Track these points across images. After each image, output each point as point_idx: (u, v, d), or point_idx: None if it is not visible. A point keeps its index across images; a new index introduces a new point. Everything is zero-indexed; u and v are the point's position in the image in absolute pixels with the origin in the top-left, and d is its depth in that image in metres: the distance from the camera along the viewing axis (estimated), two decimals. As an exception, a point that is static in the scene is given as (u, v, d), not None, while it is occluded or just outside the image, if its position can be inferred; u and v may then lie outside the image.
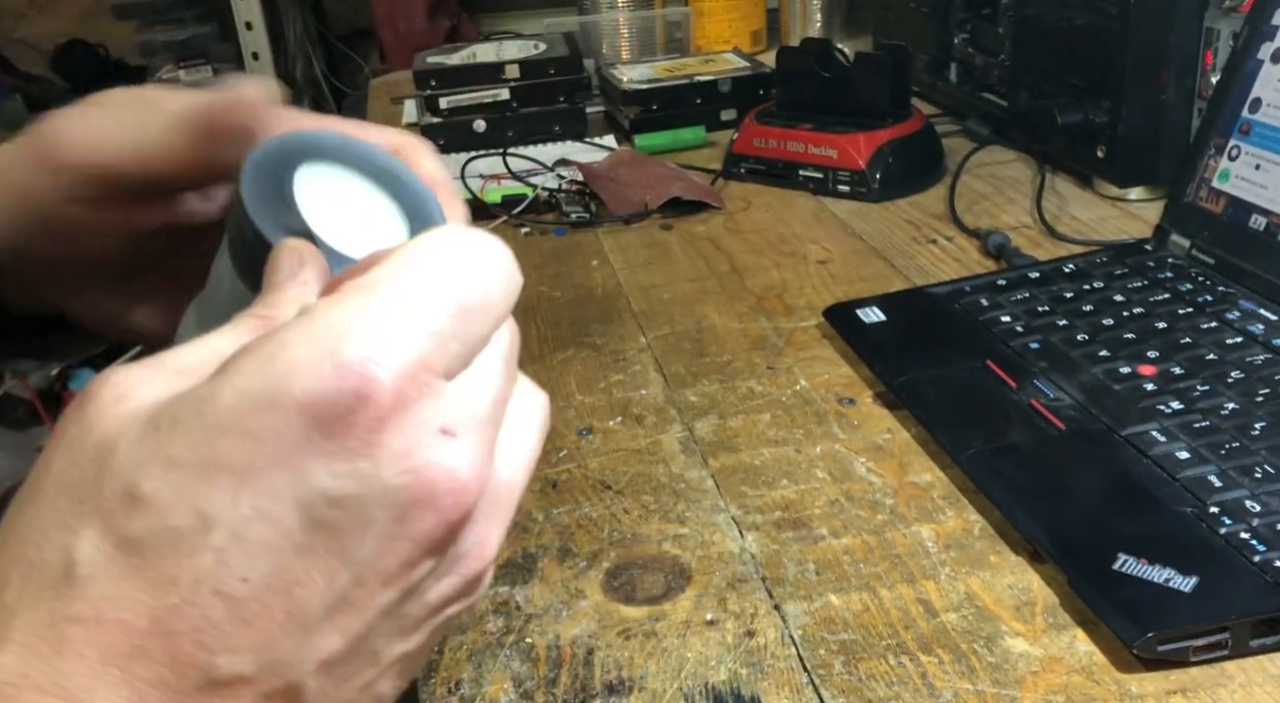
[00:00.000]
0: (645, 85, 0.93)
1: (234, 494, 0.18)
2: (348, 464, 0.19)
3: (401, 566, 0.20)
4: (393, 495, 0.19)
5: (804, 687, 0.35)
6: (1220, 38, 0.66)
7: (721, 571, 0.41)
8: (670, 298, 0.64)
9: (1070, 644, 0.36)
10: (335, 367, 0.19)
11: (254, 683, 0.19)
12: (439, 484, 0.20)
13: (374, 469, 0.19)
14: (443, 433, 0.20)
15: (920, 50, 0.91)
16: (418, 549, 0.20)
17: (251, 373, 0.19)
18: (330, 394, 0.19)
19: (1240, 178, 0.58)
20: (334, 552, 0.19)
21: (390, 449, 0.19)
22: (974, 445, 0.45)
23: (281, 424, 0.19)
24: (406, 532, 0.20)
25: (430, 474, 0.20)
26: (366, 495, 0.19)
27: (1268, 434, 0.43)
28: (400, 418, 0.19)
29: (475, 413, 0.21)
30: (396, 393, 0.19)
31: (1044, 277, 0.59)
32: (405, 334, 0.19)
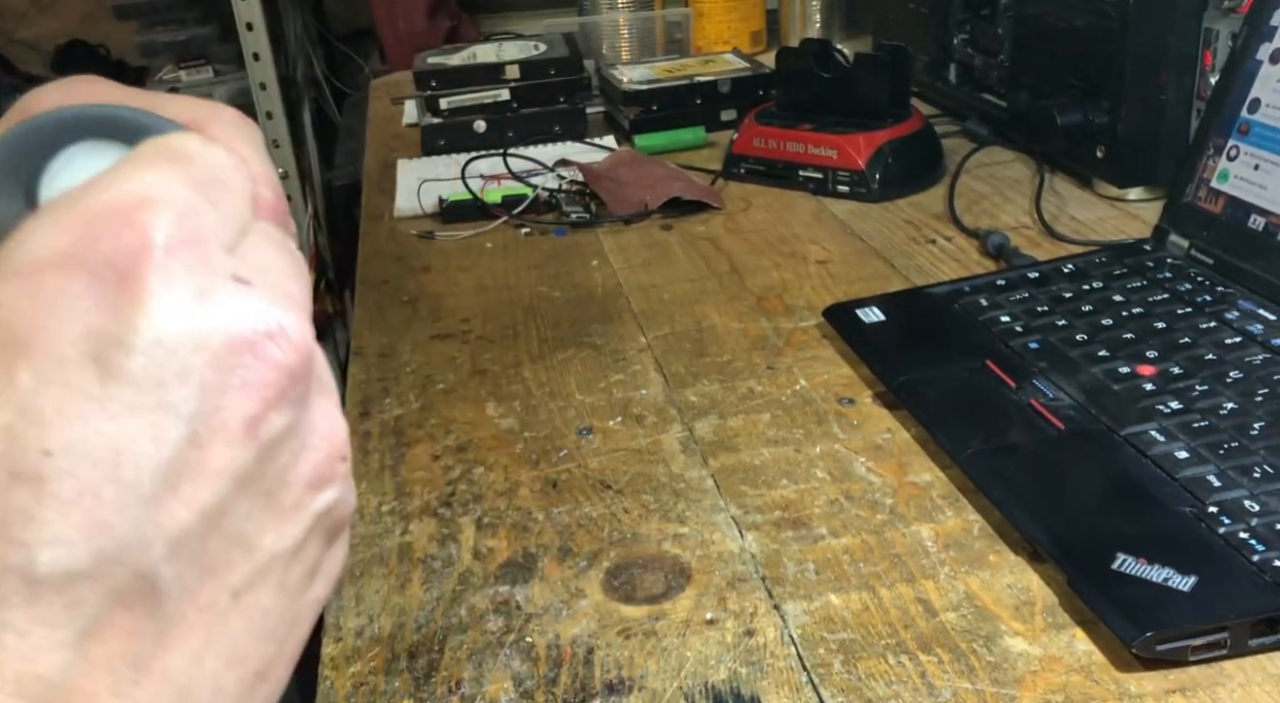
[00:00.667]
0: (645, 86, 0.93)
1: (6, 370, 0.16)
2: (136, 308, 0.17)
3: (242, 421, 0.18)
4: (200, 339, 0.17)
5: (803, 686, 0.35)
6: (1219, 38, 0.67)
7: (721, 570, 0.41)
8: (670, 298, 0.64)
9: (1069, 644, 0.36)
10: (75, 218, 0.17)
11: (94, 578, 0.16)
12: (253, 325, 0.18)
13: (173, 311, 0.17)
14: (238, 281, 0.18)
15: (920, 51, 0.91)
16: (254, 400, 0.18)
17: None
18: (91, 243, 0.17)
19: (1239, 178, 0.58)
20: (152, 405, 0.17)
21: (185, 290, 0.17)
22: (973, 445, 0.45)
23: (39, 287, 0.16)
24: (233, 380, 0.17)
25: (241, 316, 0.18)
26: (168, 339, 0.17)
27: (1266, 434, 0.43)
28: (185, 258, 0.17)
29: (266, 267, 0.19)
30: (171, 233, 0.17)
31: (1043, 277, 0.59)
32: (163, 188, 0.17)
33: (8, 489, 0.16)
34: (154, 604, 0.17)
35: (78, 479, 0.16)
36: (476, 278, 0.69)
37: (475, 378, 0.57)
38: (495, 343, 0.60)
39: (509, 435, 0.51)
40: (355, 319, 0.67)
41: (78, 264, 0.16)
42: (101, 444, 0.16)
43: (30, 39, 1.61)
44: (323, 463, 0.20)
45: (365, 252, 0.76)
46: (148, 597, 0.17)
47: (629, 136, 0.92)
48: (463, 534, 0.44)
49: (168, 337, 0.17)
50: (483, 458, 0.49)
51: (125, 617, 0.17)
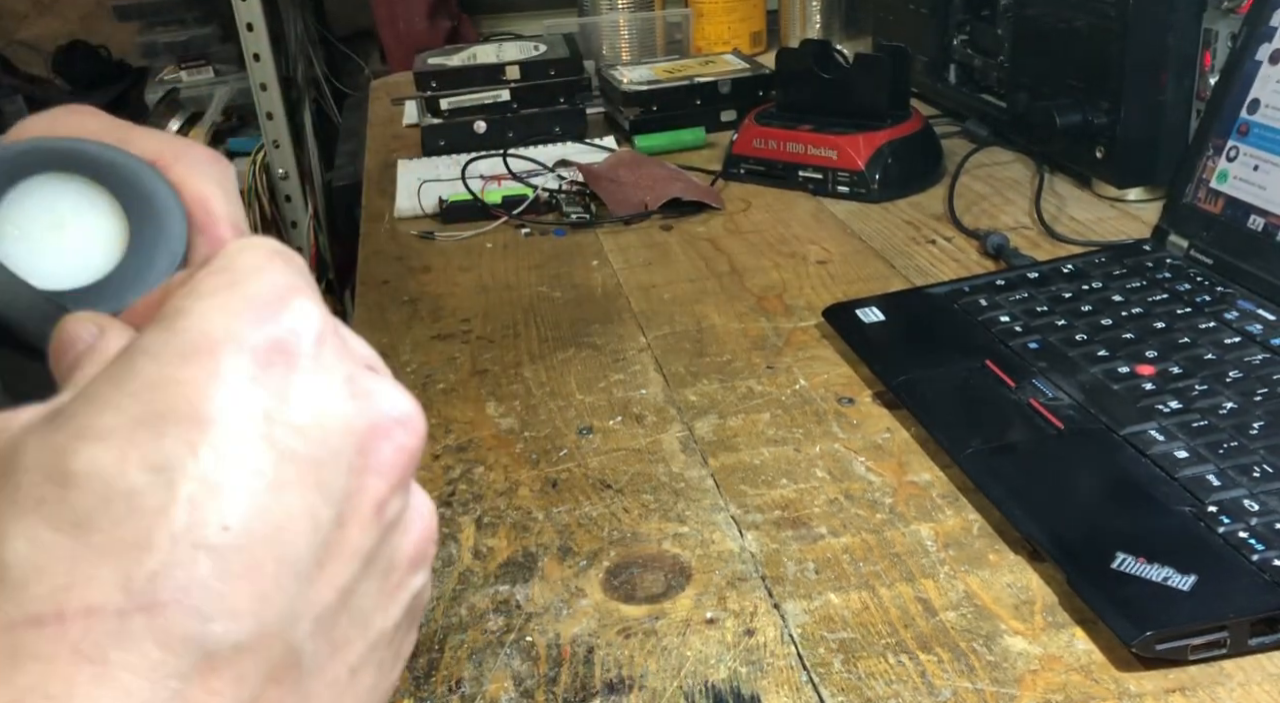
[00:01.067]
0: (645, 86, 0.93)
1: (189, 442, 0.17)
2: (301, 391, 0.18)
3: (374, 504, 0.19)
4: (350, 421, 0.18)
5: (803, 685, 0.35)
6: (1219, 39, 0.67)
7: (721, 569, 0.41)
8: (670, 298, 0.64)
9: (1069, 643, 0.36)
10: (253, 302, 0.18)
11: (255, 652, 0.17)
12: (389, 412, 0.19)
13: (328, 395, 0.18)
14: (370, 369, 0.19)
15: (919, 51, 0.91)
16: (385, 483, 0.19)
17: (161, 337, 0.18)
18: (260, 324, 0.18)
19: (1238, 178, 0.58)
20: (311, 485, 0.18)
21: (338, 375, 0.18)
22: (973, 445, 0.45)
23: (217, 366, 0.17)
24: (372, 463, 0.19)
25: (379, 402, 0.19)
26: (327, 422, 0.18)
27: (1266, 434, 0.43)
28: (336, 345, 0.19)
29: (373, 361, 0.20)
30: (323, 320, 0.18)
31: (1043, 277, 0.59)
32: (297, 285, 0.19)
33: (192, 560, 0.16)
34: (297, 679, 0.18)
35: (250, 554, 0.17)
36: (477, 278, 0.69)
37: (475, 378, 0.57)
38: (495, 343, 0.60)
39: (509, 435, 0.51)
40: (355, 319, 0.67)
41: (247, 346, 0.18)
42: (270, 520, 0.17)
43: (31, 39, 1.61)
44: (422, 544, 0.20)
45: (365, 252, 0.76)
46: (294, 671, 0.17)
47: (629, 137, 0.92)
48: (463, 534, 0.44)
49: (325, 420, 0.18)
50: (483, 458, 0.49)
51: (276, 691, 0.17)
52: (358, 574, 0.19)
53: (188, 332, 0.18)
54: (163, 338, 0.18)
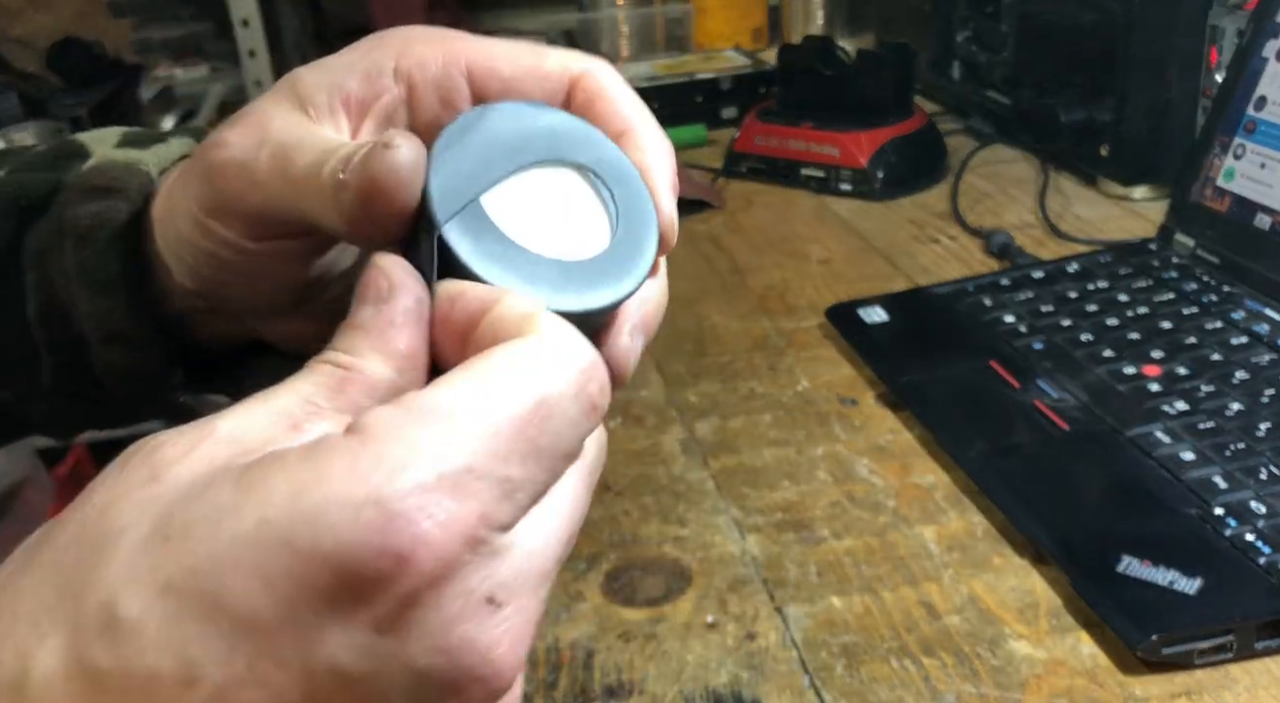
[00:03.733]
0: (645, 83, 0.93)
1: (231, 645, 0.15)
2: (370, 638, 0.16)
3: None
4: (417, 680, 0.16)
5: (805, 690, 0.35)
6: (1225, 36, 0.66)
7: (722, 572, 0.40)
8: (670, 298, 0.64)
9: (1074, 647, 0.36)
10: (379, 518, 0.15)
11: None
12: (473, 669, 0.16)
13: (400, 648, 0.16)
14: (488, 602, 0.17)
15: (923, 48, 0.91)
16: None
17: (282, 502, 0.16)
18: (367, 552, 0.15)
19: (1245, 176, 0.58)
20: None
21: (425, 626, 0.16)
22: (977, 447, 0.44)
23: (302, 575, 0.16)
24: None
25: (464, 658, 0.16)
26: (387, 677, 0.16)
27: (1273, 435, 0.42)
28: (445, 588, 0.16)
29: (530, 572, 0.17)
30: (447, 559, 0.16)
31: (1047, 276, 0.59)
32: (470, 482, 0.16)
33: None
34: None
35: None
36: (476, 276, 0.69)
37: (474, 377, 0.56)
38: (494, 342, 0.60)
39: (508, 436, 0.51)
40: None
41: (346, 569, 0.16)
42: None
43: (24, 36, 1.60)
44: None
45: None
46: None
47: (629, 134, 0.91)
48: (461, 536, 0.44)
49: (384, 673, 0.16)
50: (482, 458, 0.49)
51: None
52: None
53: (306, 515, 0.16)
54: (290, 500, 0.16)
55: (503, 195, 0.21)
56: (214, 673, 0.15)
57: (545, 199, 0.21)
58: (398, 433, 0.16)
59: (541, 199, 0.21)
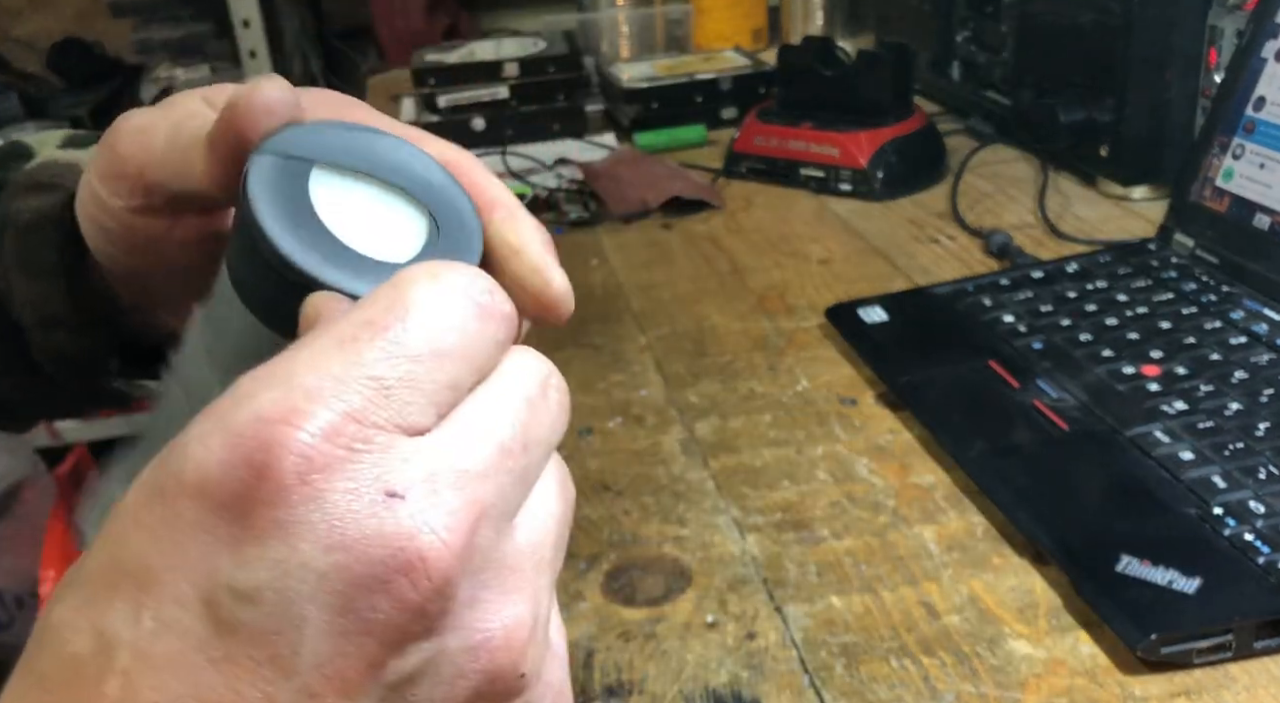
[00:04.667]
0: (645, 83, 0.93)
1: (135, 606, 0.16)
2: (257, 550, 0.16)
3: (366, 667, 0.16)
4: (322, 581, 0.16)
5: (805, 689, 0.35)
6: (1224, 36, 0.66)
7: (722, 572, 0.40)
8: (670, 298, 0.64)
9: (1073, 647, 0.36)
10: (225, 437, 0.16)
11: None
12: (389, 561, 0.16)
13: (290, 553, 0.16)
14: (389, 496, 0.16)
15: (922, 48, 0.91)
16: (381, 643, 0.16)
17: (156, 463, 0.17)
18: (220, 469, 0.16)
19: (1244, 177, 0.58)
20: (260, 659, 0.16)
21: (309, 525, 0.16)
22: (977, 446, 0.44)
23: (173, 515, 0.16)
24: (357, 625, 0.16)
25: (371, 551, 0.16)
26: (286, 584, 0.16)
27: (1272, 435, 0.42)
28: (320, 486, 0.16)
29: (445, 467, 0.17)
30: (308, 457, 0.16)
31: (1047, 276, 0.59)
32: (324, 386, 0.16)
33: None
34: None
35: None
36: (476, 277, 0.69)
37: (474, 378, 0.57)
38: (494, 342, 0.60)
39: (508, 436, 0.51)
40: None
41: (212, 492, 0.16)
42: (207, 696, 0.16)
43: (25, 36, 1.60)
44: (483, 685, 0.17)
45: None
46: None
47: (629, 135, 0.92)
48: (461, 536, 0.44)
49: (285, 582, 0.16)
50: (482, 458, 0.49)
51: None
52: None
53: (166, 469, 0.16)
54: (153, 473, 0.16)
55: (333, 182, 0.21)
56: (126, 635, 0.16)
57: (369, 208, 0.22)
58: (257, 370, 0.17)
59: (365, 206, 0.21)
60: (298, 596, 0.16)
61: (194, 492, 0.16)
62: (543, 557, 0.19)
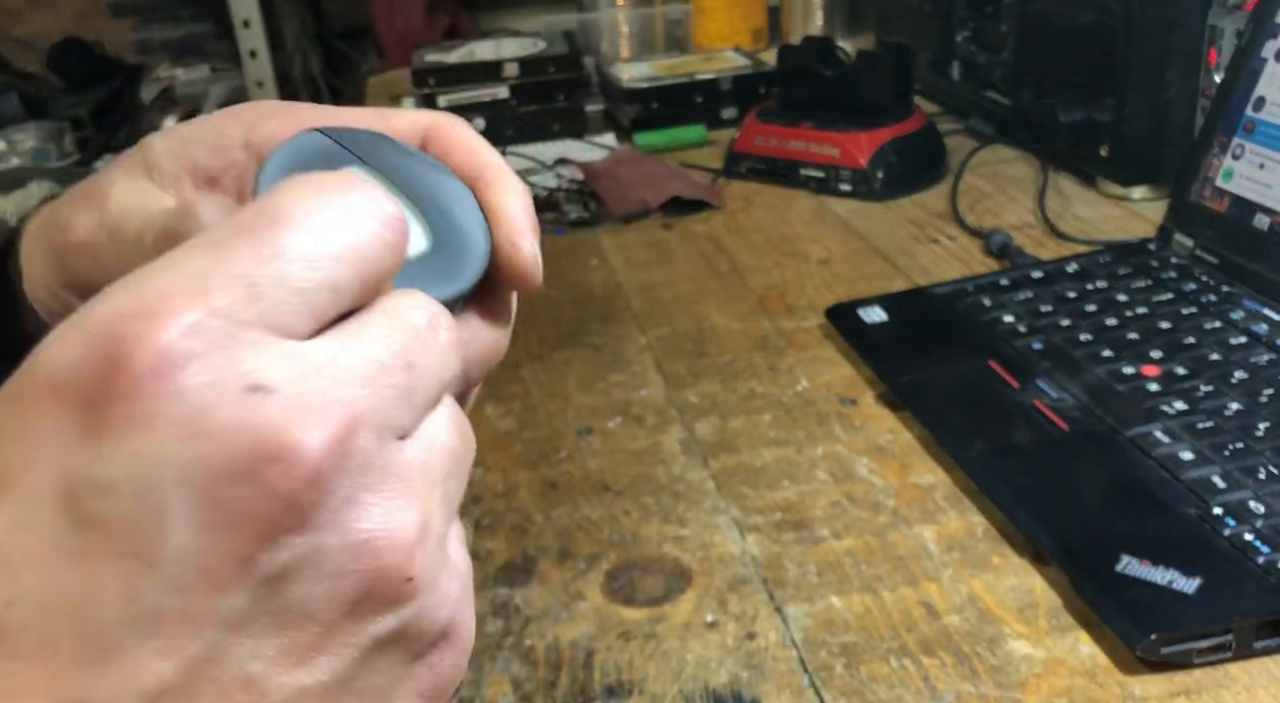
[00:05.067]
0: (645, 83, 0.93)
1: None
2: (114, 444, 0.15)
3: (235, 560, 0.16)
4: (183, 472, 0.15)
5: (805, 689, 0.35)
6: (1224, 36, 0.66)
7: (722, 572, 0.40)
8: (670, 298, 0.64)
9: (1073, 646, 0.36)
10: (80, 335, 0.16)
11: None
12: (252, 449, 0.15)
13: (148, 445, 0.15)
14: (249, 390, 0.16)
15: (922, 48, 0.91)
16: (249, 537, 0.16)
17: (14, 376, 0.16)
18: (75, 365, 0.15)
19: (1244, 177, 0.58)
20: (122, 552, 0.15)
21: (167, 418, 0.15)
22: (976, 446, 0.44)
23: (27, 414, 0.16)
24: (223, 516, 0.15)
25: (234, 440, 0.15)
26: (145, 476, 0.15)
27: (1272, 435, 0.42)
28: (178, 379, 0.15)
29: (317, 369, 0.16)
30: (164, 351, 0.15)
31: (1047, 276, 0.59)
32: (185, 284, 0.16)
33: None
34: None
35: (37, 632, 0.15)
36: (476, 277, 0.69)
37: (474, 378, 0.57)
38: (494, 342, 0.60)
39: (508, 436, 0.51)
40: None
41: (65, 389, 0.15)
42: (64, 594, 0.15)
43: (25, 36, 1.60)
44: (368, 587, 0.17)
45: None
46: None
47: (629, 135, 0.92)
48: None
49: (144, 473, 0.15)
50: (481, 459, 0.49)
51: None
52: (219, 640, 0.16)
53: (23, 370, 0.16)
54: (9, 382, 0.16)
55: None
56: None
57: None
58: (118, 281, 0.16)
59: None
60: (158, 486, 0.15)
61: (48, 389, 0.16)
62: (433, 477, 0.18)
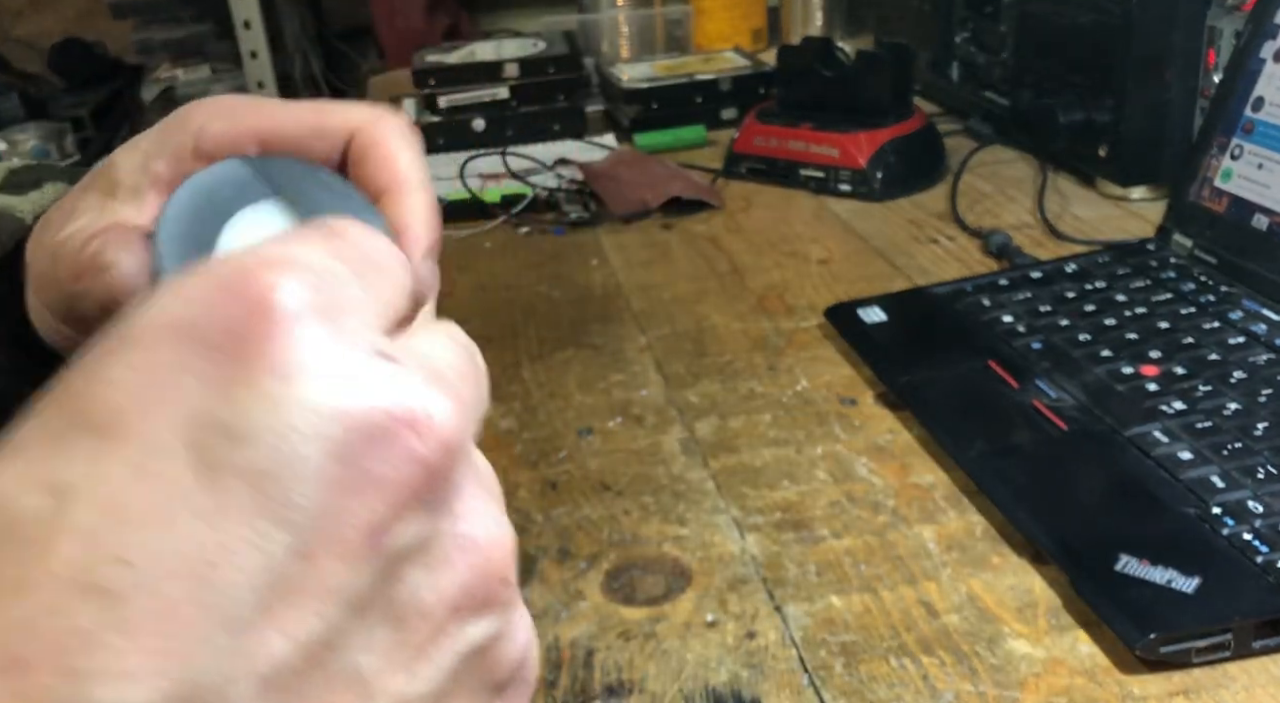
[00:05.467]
0: (645, 84, 0.93)
1: (96, 454, 0.14)
2: (250, 389, 0.14)
3: (364, 530, 0.14)
4: (323, 424, 0.14)
5: (805, 688, 0.35)
6: (1222, 36, 0.66)
7: (722, 572, 0.40)
8: (670, 298, 0.64)
9: (1072, 646, 0.36)
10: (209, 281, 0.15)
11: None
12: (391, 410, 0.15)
13: (288, 390, 0.14)
14: (380, 355, 0.15)
15: (922, 49, 0.91)
16: (382, 502, 0.14)
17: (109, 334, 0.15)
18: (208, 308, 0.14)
19: (1243, 177, 0.58)
20: (253, 509, 0.14)
21: (307, 366, 0.14)
22: (976, 446, 0.45)
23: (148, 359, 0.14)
24: (360, 477, 0.14)
25: (373, 398, 0.14)
26: (283, 425, 0.14)
27: (1270, 435, 0.42)
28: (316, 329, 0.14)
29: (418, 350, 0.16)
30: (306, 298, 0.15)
31: (1046, 276, 0.59)
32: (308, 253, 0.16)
33: (72, 606, 0.13)
34: None
35: (157, 597, 0.13)
36: (475, 278, 0.69)
37: (474, 378, 0.57)
38: (494, 343, 0.60)
39: (508, 436, 0.51)
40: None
41: (194, 334, 0.14)
42: (192, 554, 0.13)
43: (26, 36, 1.61)
44: (472, 584, 0.16)
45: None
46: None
47: (629, 135, 0.92)
48: (462, 535, 0.44)
49: (282, 422, 0.14)
50: (482, 458, 0.49)
51: None
52: (339, 622, 0.14)
53: (133, 322, 0.14)
54: (111, 332, 0.15)
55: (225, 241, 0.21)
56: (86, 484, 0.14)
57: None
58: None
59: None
60: (295, 436, 0.14)
61: (175, 333, 0.14)
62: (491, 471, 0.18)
